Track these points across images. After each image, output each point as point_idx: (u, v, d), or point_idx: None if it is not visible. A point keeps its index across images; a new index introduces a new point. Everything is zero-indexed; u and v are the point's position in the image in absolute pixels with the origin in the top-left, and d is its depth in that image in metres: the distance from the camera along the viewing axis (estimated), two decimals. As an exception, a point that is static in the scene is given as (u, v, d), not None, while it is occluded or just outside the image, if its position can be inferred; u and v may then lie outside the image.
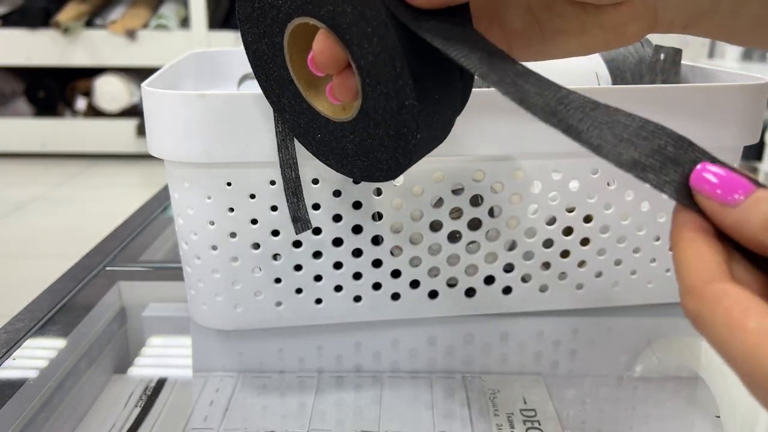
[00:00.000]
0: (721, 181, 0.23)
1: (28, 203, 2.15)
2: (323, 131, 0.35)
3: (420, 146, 0.31)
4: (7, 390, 0.41)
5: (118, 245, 0.63)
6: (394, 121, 0.30)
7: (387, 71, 0.28)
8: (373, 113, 0.31)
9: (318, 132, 0.36)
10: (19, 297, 0.60)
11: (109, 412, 0.40)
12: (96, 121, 2.60)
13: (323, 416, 0.40)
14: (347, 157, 0.35)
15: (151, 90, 0.41)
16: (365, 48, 0.28)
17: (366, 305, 0.49)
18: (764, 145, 1.97)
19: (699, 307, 0.22)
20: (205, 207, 0.44)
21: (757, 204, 0.22)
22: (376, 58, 0.28)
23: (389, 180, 0.34)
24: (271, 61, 0.35)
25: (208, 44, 2.47)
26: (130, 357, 0.47)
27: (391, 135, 0.31)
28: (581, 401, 0.42)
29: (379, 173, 0.34)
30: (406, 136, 0.30)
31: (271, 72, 0.36)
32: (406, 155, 0.32)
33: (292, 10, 0.31)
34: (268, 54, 0.35)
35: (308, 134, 0.37)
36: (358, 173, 0.35)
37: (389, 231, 0.46)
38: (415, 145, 0.31)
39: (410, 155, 0.31)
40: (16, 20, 2.49)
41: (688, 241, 0.23)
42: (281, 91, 0.36)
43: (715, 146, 0.46)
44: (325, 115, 0.34)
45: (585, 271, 0.50)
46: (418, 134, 0.30)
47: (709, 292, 0.21)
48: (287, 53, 0.33)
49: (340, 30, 0.29)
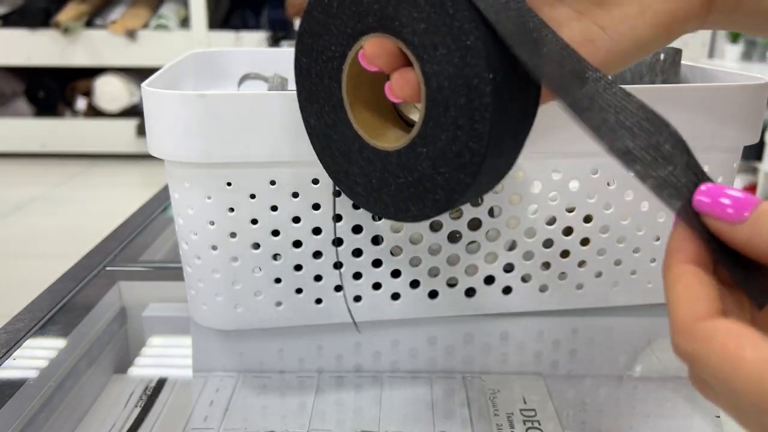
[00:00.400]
0: (733, 202, 0.22)
1: (28, 203, 2.15)
2: (372, 167, 0.34)
3: (486, 169, 0.28)
4: (7, 390, 0.41)
5: (118, 245, 0.63)
6: (456, 146, 0.29)
7: (461, 87, 0.27)
8: (432, 140, 0.29)
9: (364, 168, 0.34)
10: (19, 297, 0.60)
11: (109, 412, 0.40)
12: (96, 121, 2.60)
13: (323, 416, 0.40)
14: (390, 191, 0.33)
15: (151, 90, 0.41)
16: (438, 60, 0.28)
17: (366, 305, 0.49)
18: (764, 145, 1.97)
19: (692, 345, 0.21)
20: (205, 207, 0.44)
21: (764, 218, 0.22)
22: (451, 75, 0.27)
23: (439, 214, 0.31)
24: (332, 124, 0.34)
25: (208, 44, 2.47)
26: (130, 357, 0.47)
27: (448, 166, 0.29)
28: (581, 401, 0.42)
29: (432, 205, 0.31)
30: (466, 165, 0.29)
31: (333, 141, 0.35)
32: (469, 177, 0.29)
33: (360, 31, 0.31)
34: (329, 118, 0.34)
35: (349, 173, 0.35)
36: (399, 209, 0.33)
37: (389, 231, 0.46)
38: (480, 164, 0.28)
39: (474, 176, 0.28)
40: (17, 20, 2.49)
41: (678, 276, 0.23)
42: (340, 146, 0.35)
43: (715, 146, 0.47)
44: (364, 137, 0.33)
45: (585, 271, 0.50)
46: (485, 157, 0.28)
47: (699, 330, 0.21)
48: (348, 106, 0.33)
49: (413, 45, 0.29)
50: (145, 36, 2.48)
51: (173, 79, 0.50)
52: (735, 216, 0.22)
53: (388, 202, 0.33)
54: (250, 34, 2.49)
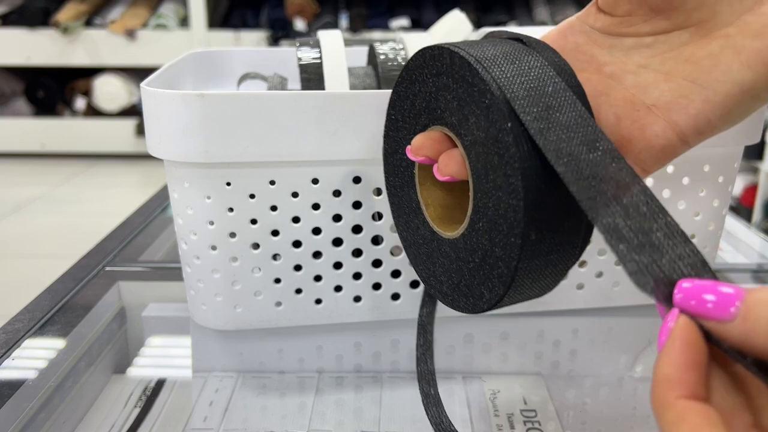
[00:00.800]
0: (717, 299, 0.20)
1: (28, 203, 2.15)
2: (435, 253, 0.35)
3: (532, 226, 0.28)
4: (6, 390, 0.41)
5: (117, 245, 0.63)
6: (493, 245, 0.29)
7: (502, 192, 0.28)
8: (483, 211, 0.30)
9: (429, 254, 0.36)
10: (18, 297, 0.60)
11: (109, 412, 0.40)
12: (95, 121, 2.60)
13: (323, 417, 0.40)
14: (448, 280, 0.34)
15: (150, 90, 0.41)
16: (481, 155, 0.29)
17: (366, 305, 0.48)
18: (764, 145, 1.97)
19: None
20: (204, 207, 0.44)
21: (756, 310, 0.20)
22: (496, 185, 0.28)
23: (506, 291, 0.31)
24: (410, 212, 0.37)
25: (208, 44, 2.47)
26: (130, 357, 0.47)
27: (488, 260, 0.30)
28: (582, 401, 0.42)
29: (498, 281, 0.31)
30: (501, 272, 0.29)
31: (410, 223, 0.37)
32: (500, 286, 0.30)
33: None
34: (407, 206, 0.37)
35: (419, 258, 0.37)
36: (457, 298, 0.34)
37: (389, 231, 0.46)
38: (511, 277, 0.29)
39: (522, 236, 0.28)
40: (16, 20, 2.49)
41: (681, 416, 0.20)
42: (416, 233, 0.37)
43: (716, 146, 0.46)
44: (439, 232, 0.34)
45: (585, 271, 0.50)
46: (516, 269, 0.28)
47: None
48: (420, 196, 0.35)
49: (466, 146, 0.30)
50: (145, 35, 2.48)
51: (172, 78, 0.50)
52: (720, 313, 0.20)
53: (467, 293, 0.33)
54: (249, 33, 2.49)
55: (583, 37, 0.31)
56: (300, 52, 0.49)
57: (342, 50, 0.48)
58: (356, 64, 0.54)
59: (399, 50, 0.50)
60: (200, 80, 0.58)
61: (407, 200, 0.36)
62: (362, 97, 0.41)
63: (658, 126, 0.29)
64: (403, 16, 2.47)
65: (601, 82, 0.31)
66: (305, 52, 0.49)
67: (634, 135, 0.30)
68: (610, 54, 0.31)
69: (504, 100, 0.27)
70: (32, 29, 2.47)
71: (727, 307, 0.20)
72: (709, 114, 0.28)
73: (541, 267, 0.30)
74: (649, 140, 0.29)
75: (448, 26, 0.59)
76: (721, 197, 0.49)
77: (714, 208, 0.49)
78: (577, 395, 0.43)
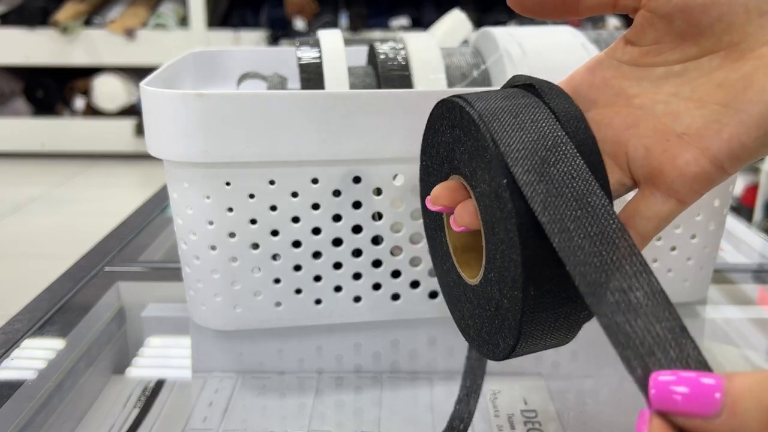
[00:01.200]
0: (692, 392, 0.19)
1: (28, 203, 2.15)
2: (463, 298, 0.35)
3: (531, 279, 0.28)
4: (5, 390, 0.41)
5: (117, 245, 0.63)
6: (502, 296, 0.29)
7: (505, 248, 0.28)
8: (493, 261, 0.30)
9: (460, 299, 0.36)
10: (17, 297, 0.60)
11: (108, 412, 0.40)
12: (95, 121, 2.59)
13: (323, 417, 0.40)
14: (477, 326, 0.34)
15: (149, 89, 0.41)
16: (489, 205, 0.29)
17: (366, 305, 0.48)
18: (764, 144, 1.97)
19: None
20: (204, 207, 0.44)
21: (744, 403, 0.18)
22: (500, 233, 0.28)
23: (517, 342, 0.30)
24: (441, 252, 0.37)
25: (207, 43, 2.47)
26: (129, 357, 0.47)
27: (499, 312, 0.30)
28: (582, 402, 0.42)
29: (508, 333, 0.31)
30: (510, 323, 0.29)
31: (445, 262, 0.37)
32: (509, 338, 0.30)
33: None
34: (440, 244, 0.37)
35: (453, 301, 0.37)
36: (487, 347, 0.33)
37: (389, 231, 0.46)
38: (519, 331, 0.29)
39: (522, 290, 0.28)
40: (15, 19, 2.48)
41: None
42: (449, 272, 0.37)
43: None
44: (464, 276, 0.35)
45: (585, 271, 0.50)
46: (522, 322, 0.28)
47: None
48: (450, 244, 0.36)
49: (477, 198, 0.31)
50: (144, 35, 2.48)
51: (172, 78, 0.50)
52: (701, 409, 0.18)
53: (487, 340, 0.33)
54: (249, 32, 2.49)
55: (611, 72, 0.31)
56: (300, 52, 0.49)
57: (342, 50, 0.48)
58: (356, 64, 0.53)
59: (399, 50, 0.50)
60: (200, 80, 0.58)
61: (440, 243, 0.37)
62: (362, 97, 0.41)
63: (690, 154, 0.28)
64: (403, 15, 2.47)
65: (630, 114, 0.30)
66: (305, 52, 0.49)
67: (664, 165, 0.28)
68: (640, 86, 0.30)
69: (499, 154, 0.27)
70: (31, 29, 2.47)
71: (707, 400, 0.18)
72: (744, 137, 0.27)
73: (551, 320, 0.29)
74: (680, 169, 0.28)
75: (448, 26, 0.59)
76: (722, 197, 0.49)
77: (715, 208, 0.49)
78: (578, 396, 0.42)
